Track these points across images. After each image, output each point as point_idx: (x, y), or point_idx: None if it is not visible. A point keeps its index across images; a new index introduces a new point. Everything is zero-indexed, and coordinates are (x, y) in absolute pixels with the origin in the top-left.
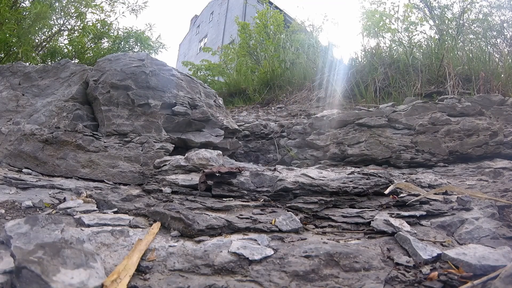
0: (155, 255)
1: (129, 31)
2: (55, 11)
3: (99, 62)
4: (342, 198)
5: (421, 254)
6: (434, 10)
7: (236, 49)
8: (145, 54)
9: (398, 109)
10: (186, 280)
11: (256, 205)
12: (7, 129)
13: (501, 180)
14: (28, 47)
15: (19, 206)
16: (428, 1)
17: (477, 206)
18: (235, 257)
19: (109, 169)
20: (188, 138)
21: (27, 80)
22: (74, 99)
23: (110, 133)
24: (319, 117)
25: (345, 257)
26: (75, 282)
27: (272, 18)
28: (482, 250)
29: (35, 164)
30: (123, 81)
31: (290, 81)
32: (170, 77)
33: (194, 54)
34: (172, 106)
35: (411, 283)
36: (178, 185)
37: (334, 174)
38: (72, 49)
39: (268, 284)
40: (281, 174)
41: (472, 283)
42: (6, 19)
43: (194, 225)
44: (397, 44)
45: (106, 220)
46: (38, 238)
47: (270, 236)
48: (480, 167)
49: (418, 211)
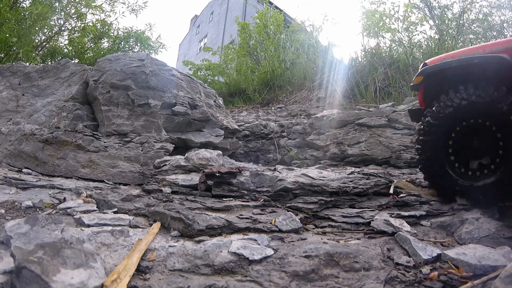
0: (155, 255)
1: (129, 31)
2: (56, 11)
3: (99, 62)
4: (342, 198)
5: (421, 254)
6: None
7: (236, 49)
8: (145, 54)
9: (398, 109)
10: (186, 280)
11: (256, 205)
12: (7, 129)
13: None
14: (28, 47)
15: (19, 206)
16: (428, 1)
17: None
18: (235, 257)
19: (109, 169)
20: (188, 138)
21: (27, 80)
22: (74, 99)
23: (110, 133)
24: (319, 117)
25: (345, 257)
26: (75, 282)
27: (272, 18)
28: (482, 250)
29: (35, 164)
30: (123, 81)
31: (290, 81)
32: (170, 77)
33: (194, 54)
34: (172, 106)
35: (411, 283)
36: (178, 185)
37: (334, 174)
38: (72, 49)
39: (268, 284)
40: (281, 174)
41: (472, 283)
42: (7, 19)
43: (194, 225)
44: (397, 44)
45: (106, 220)
46: (38, 238)
47: (270, 236)
48: None
49: (418, 211)
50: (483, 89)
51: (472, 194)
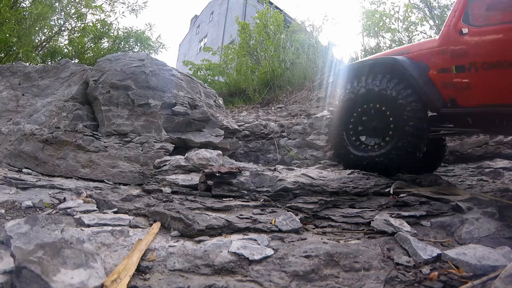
0: (155, 255)
1: (129, 31)
2: (56, 11)
3: (99, 62)
4: (342, 198)
5: (421, 254)
6: (434, 10)
7: (236, 49)
8: (145, 54)
9: None
10: (186, 280)
11: (256, 205)
12: (7, 129)
13: (501, 180)
14: (28, 47)
15: (19, 206)
16: (428, 1)
17: (477, 206)
18: (235, 257)
19: (109, 169)
20: (188, 138)
21: (27, 80)
22: (74, 99)
23: (110, 133)
24: (319, 117)
25: (345, 257)
26: (75, 282)
27: (272, 18)
28: (482, 250)
29: (35, 164)
30: (123, 81)
31: (290, 81)
32: (170, 77)
33: (194, 54)
34: (172, 106)
35: (411, 283)
36: (178, 185)
37: (334, 174)
38: (72, 49)
39: (268, 284)
40: (281, 174)
41: (472, 283)
42: (6, 19)
43: (194, 225)
44: (397, 44)
45: (106, 220)
46: (38, 238)
47: (270, 236)
48: (480, 167)
49: (418, 211)
50: (378, 80)
51: (367, 164)
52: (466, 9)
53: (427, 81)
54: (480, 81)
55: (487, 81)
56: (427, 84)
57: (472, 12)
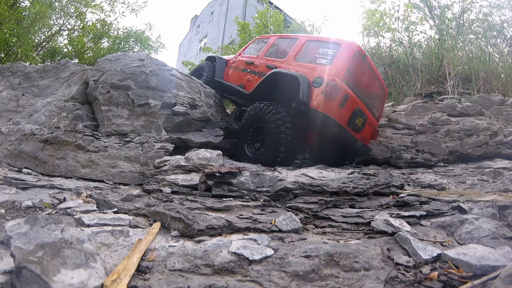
0: (155, 255)
1: (129, 31)
2: (55, 11)
3: (99, 62)
4: (342, 198)
5: (421, 254)
6: (434, 10)
7: (236, 49)
8: (145, 54)
9: (398, 109)
10: (186, 280)
11: (256, 205)
12: (7, 129)
13: (501, 180)
14: (28, 47)
15: (19, 206)
16: (428, 1)
17: (477, 206)
18: (235, 257)
19: (109, 169)
20: (188, 138)
21: (27, 80)
22: (74, 99)
23: (110, 133)
24: None
25: (345, 257)
26: (75, 282)
27: (272, 18)
28: (482, 250)
29: (35, 164)
30: (123, 81)
31: None
32: (170, 77)
33: (194, 54)
34: (172, 106)
35: (411, 283)
36: (178, 185)
37: (334, 174)
38: (72, 49)
39: (268, 284)
40: (281, 174)
41: (472, 283)
42: (6, 19)
43: (194, 225)
44: (397, 44)
45: (106, 220)
46: (38, 238)
47: (270, 236)
48: (480, 167)
49: (418, 211)
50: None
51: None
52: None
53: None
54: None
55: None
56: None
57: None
